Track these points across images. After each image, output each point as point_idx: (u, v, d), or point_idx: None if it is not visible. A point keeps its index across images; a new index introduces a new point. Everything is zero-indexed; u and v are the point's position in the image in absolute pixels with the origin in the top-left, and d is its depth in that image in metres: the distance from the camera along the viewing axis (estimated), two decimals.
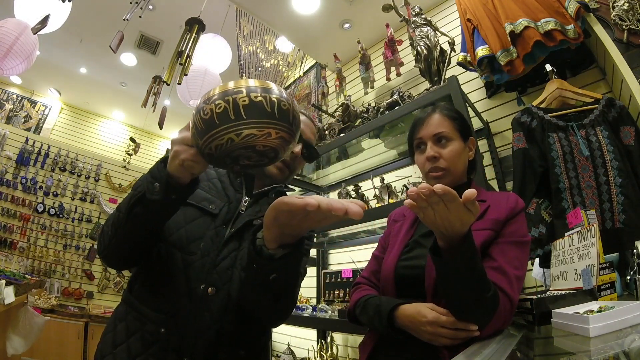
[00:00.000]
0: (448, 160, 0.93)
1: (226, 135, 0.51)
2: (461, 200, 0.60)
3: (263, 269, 0.63)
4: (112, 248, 0.76)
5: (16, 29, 2.53)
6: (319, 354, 2.19)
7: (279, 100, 0.52)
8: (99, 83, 4.70)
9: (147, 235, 0.77)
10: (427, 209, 0.63)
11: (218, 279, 0.80)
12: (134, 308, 0.80)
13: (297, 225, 0.55)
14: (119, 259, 0.81)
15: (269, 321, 0.87)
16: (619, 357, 0.49)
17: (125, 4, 2.72)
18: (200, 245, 0.81)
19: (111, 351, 0.77)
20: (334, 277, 2.38)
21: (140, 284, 0.83)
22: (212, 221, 0.85)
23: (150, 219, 0.72)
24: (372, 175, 2.29)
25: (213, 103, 0.51)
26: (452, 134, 0.95)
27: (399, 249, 0.95)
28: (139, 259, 0.82)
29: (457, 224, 0.64)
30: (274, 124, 0.52)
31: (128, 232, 0.73)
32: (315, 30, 2.74)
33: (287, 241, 0.61)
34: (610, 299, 0.83)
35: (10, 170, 3.99)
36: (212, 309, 0.78)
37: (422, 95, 1.86)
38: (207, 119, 0.51)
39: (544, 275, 1.44)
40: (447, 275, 0.71)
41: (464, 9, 1.81)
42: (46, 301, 3.47)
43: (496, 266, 0.79)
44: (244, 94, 0.51)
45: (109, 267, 0.87)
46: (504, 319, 0.75)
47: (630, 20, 1.31)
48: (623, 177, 1.23)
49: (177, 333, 0.75)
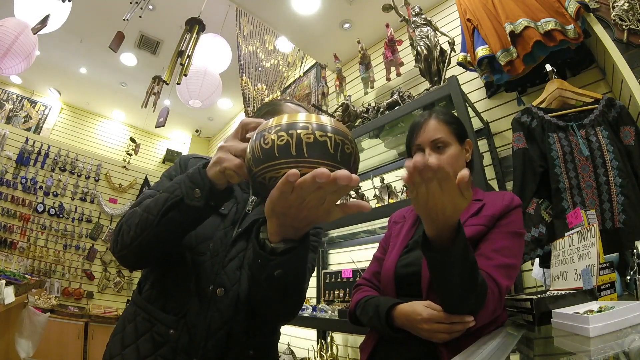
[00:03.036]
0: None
1: (283, 170, 0.48)
2: (455, 181, 0.59)
3: (267, 264, 0.62)
4: (134, 249, 0.75)
5: (16, 28, 2.53)
6: (319, 354, 2.19)
7: (343, 142, 0.50)
8: (99, 83, 4.70)
9: (176, 241, 0.76)
10: (420, 186, 0.61)
11: (227, 280, 0.80)
12: (143, 309, 0.80)
13: (294, 215, 0.53)
14: (138, 259, 0.79)
15: (277, 319, 0.88)
16: (619, 357, 0.49)
17: (125, 4, 2.73)
18: (209, 245, 0.81)
19: (120, 352, 0.76)
20: (334, 277, 2.39)
21: (150, 285, 0.83)
22: (222, 222, 0.85)
23: (184, 224, 0.71)
24: (372, 175, 2.28)
25: (276, 134, 0.49)
26: (449, 139, 0.97)
27: (399, 250, 0.96)
28: (157, 261, 0.82)
29: (449, 208, 0.62)
30: (333, 166, 0.49)
31: (157, 234, 0.72)
32: (315, 30, 2.74)
33: (289, 234, 0.59)
34: (610, 299, 0.83)
35: (10, 170, 3.99)
36: (222, 309, 0.77)
37: (422, 95, 1.86)
38: (266, 149, 0.49)
39: (544, 275, 1.44)
40: (440, 269, 0.71)
41: (464, 9, 1.81)
42: (46, 301, 3.47)
43: (480, 253, 0.81)
44: (309, 130, 0.49)
45: (122, 266, 0.85)
46: (493, 305, 0.76)
47: (630, 20, 1.31)
48: (623, 177, 1.23)
49: (186, 334, 0.75)
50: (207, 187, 0.66)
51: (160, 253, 0.78)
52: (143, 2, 2.74)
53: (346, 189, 0.49)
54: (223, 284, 0.79)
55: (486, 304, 0.75)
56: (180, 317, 0.76)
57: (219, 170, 0.64)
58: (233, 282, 0.80)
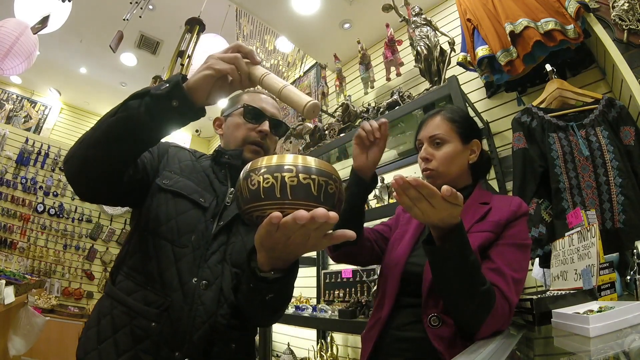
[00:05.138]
0: (439, 161, 0.96)
1: (269, 210, 0.51)
2: (440, 195, 0.62)
3: (259, 289, 0.66)
4: (79, 153, 0.70)
5: (16, 29, 2.53)
6: (319, 354, 2.19)
7: (327, 183, 0.53)
8: (99, 83, 4.70)
9: (126, 151, 0.71)
10: (413, 208, 0.66)
11: (210, 274, 0.79)
12: (120, 302, 0.77)
13: (282, 249, 0.56)
14: (79, 172, 0.72)
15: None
16: (619, 357, 0.49)
17: (125, 4, 2.72)
18: (191, 238, 0.81)
19: (95, 347, 0.74)
20: (334, 277, 2.38)
21: (125, 275, 0.80)
22: (203, 215, 0.84)
23: (140, 123, 0.66)
24: None
25: (262, 175, 0.51)
26: (448, 136, 0.97)
27: (410, 242, 0.96)
28: (104, 186, 0.75)
29: (446, 217, 0.66)
30: (316, 206, 0.51)
31: (109, 128, 0.67)
32: (315, 30, 2.74)
33: (278, 265, 0.63)
34: (610, 299, 0.83)
35: (10, 170, 3.99)
36: (206, 303, 0.77)
37: (422, 95, 1.86)
38: (253, 190, 0.52)
39: (544, 275, 1.44)
40: (440, 263, 0.73)
41: (464, 9, 1.81)
42: (46, 301, 3.47)
43: (494, 267, 0.79)
44: (293, 173, 0.51)
45: (73, 189, 0.76)
46: (502, 321, 0.75)
47: (630, 20, 1.31)
48: (623, 177, 1.23)
49: (169, 327, 0.73)
50: (176, 81, 0.66)
51: (104, 164, 0.70)
52: (143, 2, 2.74)
53: (326, 225, 0.51)
54: (206, 277, 0.78)
55: (495, 319, 0.73)
56: (163, 310, 0.74)
57: (205, 74, 0.65)
58: (216, 276, 0.80)
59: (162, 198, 0.84)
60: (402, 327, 0.86)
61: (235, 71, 0.67)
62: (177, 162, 0.92)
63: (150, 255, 0.79)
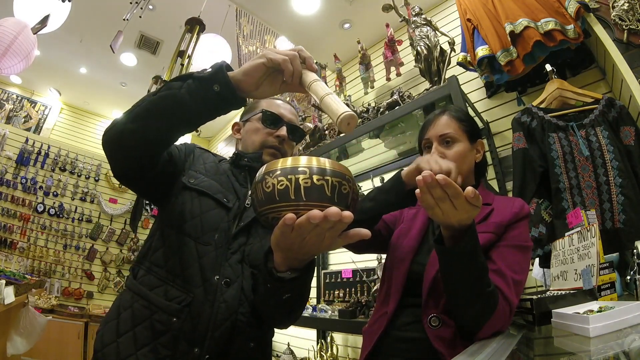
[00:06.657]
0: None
1: (284, 212, 0.52)
2: (464, 196, 0.61)
3: (276, 289, 0.67)
4: (120, 126, 0.72)
5: (15, 28, 2.53)
6: (319, 354, 2.19)
7: (340, 183, 0.54)
8: (99, 83, 4.69)
9: (163, 129, 0.73)
10: (435, 208, 0.65)
11: (231, 272, 0.80)
12: (141, 296, 0.78)
13: (297, 250, 0.58)
14: (120, 142, 0.74)
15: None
16: (619, 357, 0.49)
17: (125, 4, 2.72)
18: (215, 236, 0.82)
19: (114, 339, 0.74)
20: (334, 277, 2.39)
21: (147, 270, 0.81)
22: (226, 214, 0.86)
23: (180, 102, 0.68)
24: (372, 175, 2.29)
25: (276, 178, 0.52)
26: (458, 135, 0.96)
27: (417, 240, 0.95)
28: (137, 165, 0.77)
29: (464, 218, 0.66)
30: (331, 206, 0.52)
31: (151, 105, 0.70)
32: (315, 30, 2.74)
33: (294, 265, 0.64)
34: (610, 299, 0.83)
35: (10, 170, 3.98)
36: (228, 300, 0.77)
37: (422, 95, 1.86)
38: (268, 192, 0.53)
39: (544, 275, 1.44)
40: (451, 263, 0.72)
41: (464, 9, 1.81)
42: (46, 301, 3.47)
43: (495, 269, 0.79)
44: (307, 175, 0.52)
45: (109, 159, 0.77)
46: (502, 322, 0.75)
47: (630, 20, 1.31)
48: (623, 177, 1.23)
49: (190, 323, 0.74)
50: (220, 66, 0.68)
51: (140, 139, 0.72)
52: (143, 2, 2.74)
53: (340, 224, 0.53)
54: (228, 275, 0.80)
55: (496, 320, 0.73)
56: (184, 306, 0.75)
57: (257, 62, 0.66)
58: (237, 275, 0.81)
59: (187, 196, 0.86)
60: (403, 327, 0.87)
61: (289, 65, 0.66)
62: (202, 163, 0.94)
63: (174, 251, 0.80)
